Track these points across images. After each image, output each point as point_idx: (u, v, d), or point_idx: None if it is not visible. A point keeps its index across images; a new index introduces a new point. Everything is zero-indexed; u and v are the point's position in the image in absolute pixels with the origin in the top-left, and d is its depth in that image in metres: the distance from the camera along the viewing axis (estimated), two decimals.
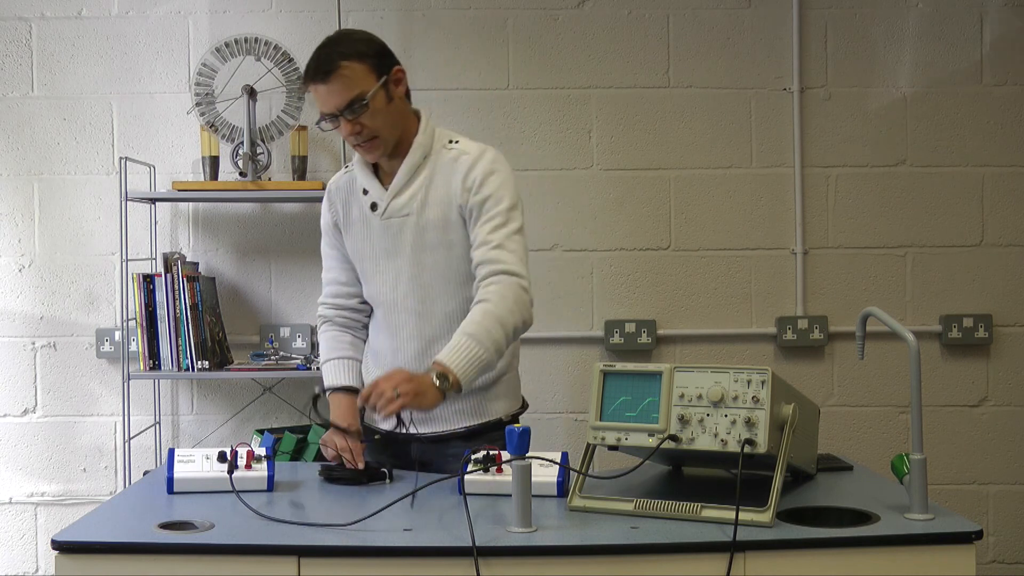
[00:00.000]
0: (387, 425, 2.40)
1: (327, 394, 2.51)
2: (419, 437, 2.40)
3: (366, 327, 2.57)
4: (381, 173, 2.46)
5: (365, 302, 2.55)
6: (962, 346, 3.78)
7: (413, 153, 2.39)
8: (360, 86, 2.30)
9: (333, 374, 2.52)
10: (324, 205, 2.55)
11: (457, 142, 2.42)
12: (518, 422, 2.52)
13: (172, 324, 3.41)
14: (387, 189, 2.41)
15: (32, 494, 3.72)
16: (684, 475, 2.31)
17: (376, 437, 2.44)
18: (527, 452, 1.87)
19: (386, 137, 2.36)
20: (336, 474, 2.27)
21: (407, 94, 2.43)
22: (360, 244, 2.47)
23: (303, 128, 3.57)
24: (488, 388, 2.42)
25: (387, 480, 2.25)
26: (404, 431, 2.27)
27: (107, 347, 3.68)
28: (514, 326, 2.27)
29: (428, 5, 3.71)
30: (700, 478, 2.27)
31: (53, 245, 3.71)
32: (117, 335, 3.65)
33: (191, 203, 3.69)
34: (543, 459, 2.06)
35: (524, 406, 2.57)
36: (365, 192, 2.44)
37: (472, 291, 2.35)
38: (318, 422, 2.37)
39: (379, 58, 2.35)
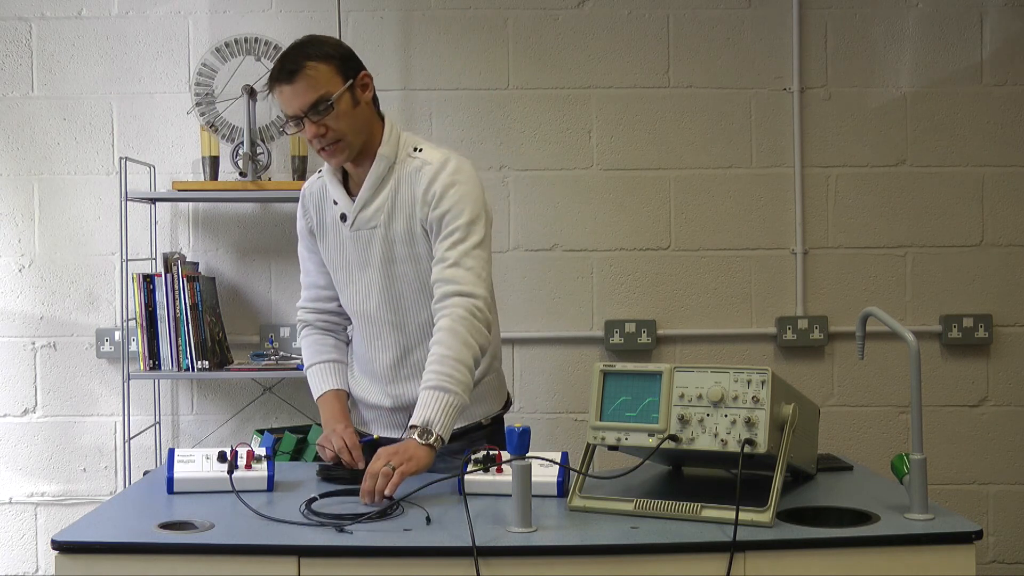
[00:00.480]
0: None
1: (317, 399, 2.50)
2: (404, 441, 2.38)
3: (346, 329, 2.57)
4: (351, 182, 2.43)
5: (338, 307, 2.55)
6: (962, 346, 3.78)
7: (377, 164, 2.35)
8: (325, 87, 2.27)
9: (320, 379, 2.51)
10: (299, 211, 2.52)
11: (421, 150, 2.38)
12: (503, 422, 2.54)
13: (172, 324, 3.41)
14: (354, 200, 2.38)
15: (32, 494, 3.72)
16: (684, 475, 2.31)
17: (375, 437, 2.44)
18: (527, 452, 1.87)
19: (351, 141, 2.33)
20: (334, 474, 2.26)
21: (375, 101, 2.40)
22: (333, 254, 2.46)
23: None
24: None
25: None
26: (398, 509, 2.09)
27: (107, 347, 3.68)
28: (473, 357, 2.22)
29: (428, 5, 3.71)
30: (700, 478, 2.27)
31: (53, 245, 3.71)
32: (117, 335, 3.65)
33: (191, 203, 3.69)
34: (543, 459, 2.06)
35: (507, 405, 2.59)
36: (335, 202, 2.42)
37: None
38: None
39: (345, 61, 2.33)
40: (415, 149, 2.38)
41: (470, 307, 2.24)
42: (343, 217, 2.40)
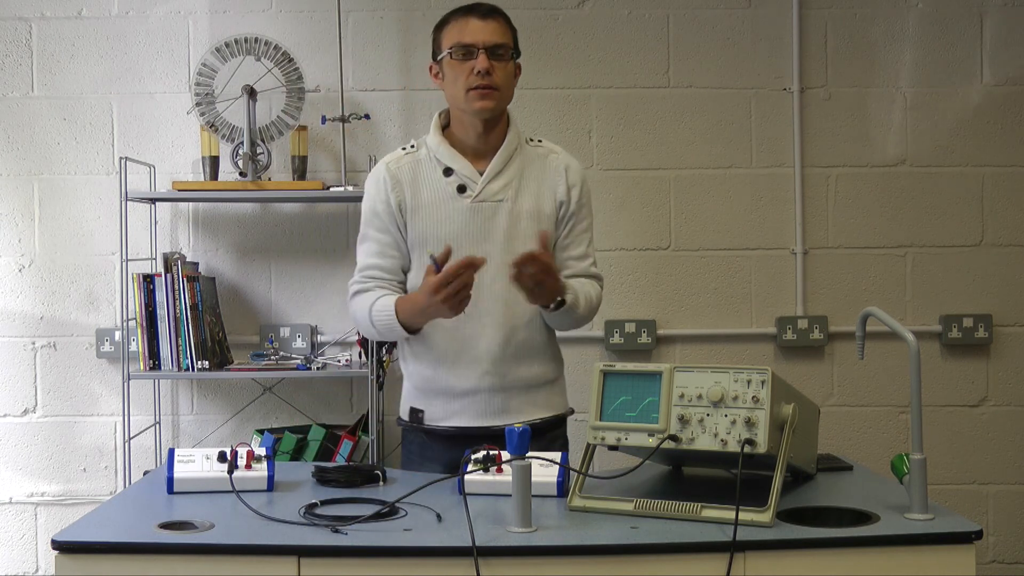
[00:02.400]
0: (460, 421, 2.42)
1: (396, 309, 2.37)
2: (495, 431, 2.30)
3: None
4: (462, 156, 2.45)
5: (403, 288, 2.47)
6: (962, 346, 3.78)
7: (510, 142, 2.45)
8: (509, 39, 2.44)
9: (391, 298, 2.39)
10: (384, 187, 2.44)
11: (540, 141, 2.54)
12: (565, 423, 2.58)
13: (172, 324, 3.41)
14: (480, 173, 2.42)
15: (32, 494, 3.72)
16: (684, 475, 2.31)
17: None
18: (527, 452, 1.87)
19: (502, 98, 2.42)
20: (330, 476, 2.26)
21: None
22: (434, 227, 2.41)
23: (303, 128, 3.57)
24: (554, 382, 2.51)
25: (381, 482, 2.25)
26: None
27: (107, 347, 3.68)
28: (586, 316, 2.49)
29: (428, 5, 3.71)
30: (700, 478, 2.27)
31: (53, 245, 3.71)
32: (117, 335, 3.65)
33: (191, 203, 3.69)
34: (543, 459, 2.06)
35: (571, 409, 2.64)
36: (447, 173, 2.41)
37: None
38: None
39: (517, 42, 2.49)
40: (530, 139, 2.53)
41: (600, 293, 2.55)
42: (461, 189, 2.41)
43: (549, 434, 2.47)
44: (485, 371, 2.41)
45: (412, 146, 2.50)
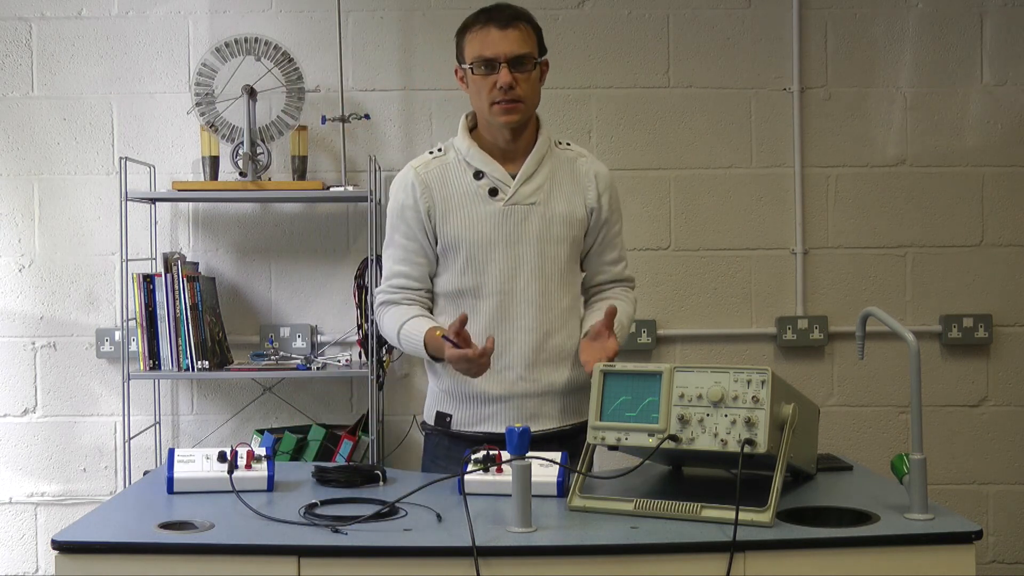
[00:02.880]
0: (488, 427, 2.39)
1: (425, 340, 2.33)
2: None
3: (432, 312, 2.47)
4: (494, 159, 2.42)
5: (430, 296, 2.46)
6: (962, 346, 3.78)
7: (542, 143, 2.43)
8: (531, 47, 2.37)
9: (421, 324, 2.35)
10: (411, 191, 2.40)
11: (569, 144, 2.52)
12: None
13: (172, 324, 3.41)
14: (512, 175, 2.40)
15: (32, 494, 3.72)
16: (684, 475, 2.31)
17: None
18: (527, 452, 1.87)
19: (527, 109, 2.38)
20: (330, 476, 2.26)
21: None
22: (465, 232, 2.38)
23: (303, 128, 3.57)
24: (585, 387, 2.36)
25: (381, 482, 2.25)
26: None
27: (107, 347, 3.68)
28: (627, 329, 2.52)
29: (428, 5, 3.71)
30: (700, 478, 2.27)
31: (53, 245, 3.71)
32: (117, 335, 3.65)
33: (191, 203, 3.69)
34: (543, 459, 2.06)
35: None
36: (478, 176, 2.39)
37: (577, 290, 2.49)
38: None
39: (542, 38, 2.43)
40: (559, 142, 2.50)
41: (635, 300, 2.61)
42: (493, 192, 2.39)
43: (580, 438, 2.40)
44: (519, 376, 2.38)
45: (440, 150, 2.47)
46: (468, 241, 2.38)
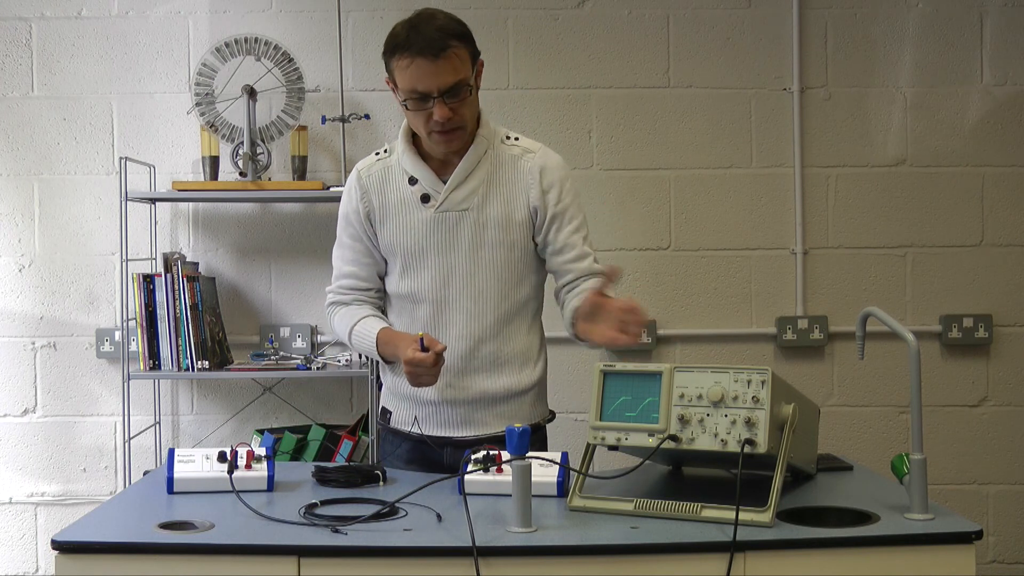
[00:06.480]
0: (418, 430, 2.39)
1: (377, 340, 2.34)
2: (455, 441, 2.37)
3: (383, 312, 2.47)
4: (429, 163, 2.36)
5: (380, 296, 2.46)
6: (962, 346, 3.78)
7: (477, 146, 2.33)
8: (464, 71, 2.24)
9: (373, 324, 2.36)
10: (352, 194, 2.40)
11: (517, 139, 2.39)
12: (545, 428, 2.54)
13: (172, 324, 3.41)
14: (443, 181, 2.32)
15: (32, 494, 3.72)
16: (684, 475, 2.31)
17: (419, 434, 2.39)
18: (527, 452, 1.87)
19: (469, 128, 2.30)
20: (330, 476, 2.26)
21: None
22: (400, 237, 2.36)
23: (303, 128, 3.57)
24: (524, 394, 2.42)
25: (381, 482, 2.25)
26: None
27: (107, 347, 3.68)
28: None
29: (428, 5, 3.70)
30: (700, 478, 2.27)
31: (53, 245, 3.71)
32: (117, 335, 3.65)
33: (191, 203, 3.69)
34: (543, 459, 2.06)
35: (552, 414, 2.57)
36: (412, 182, 2.34)
37: (521, 295, 2.37)
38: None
39: (472, 43, 2.29)
40: (507, 137, 2.39)
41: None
42: (425, 198, 2.33)
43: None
44: (447, 383, 2.35)
45: (385, 151, 2.43)
46: (403, 247, 2.36)
